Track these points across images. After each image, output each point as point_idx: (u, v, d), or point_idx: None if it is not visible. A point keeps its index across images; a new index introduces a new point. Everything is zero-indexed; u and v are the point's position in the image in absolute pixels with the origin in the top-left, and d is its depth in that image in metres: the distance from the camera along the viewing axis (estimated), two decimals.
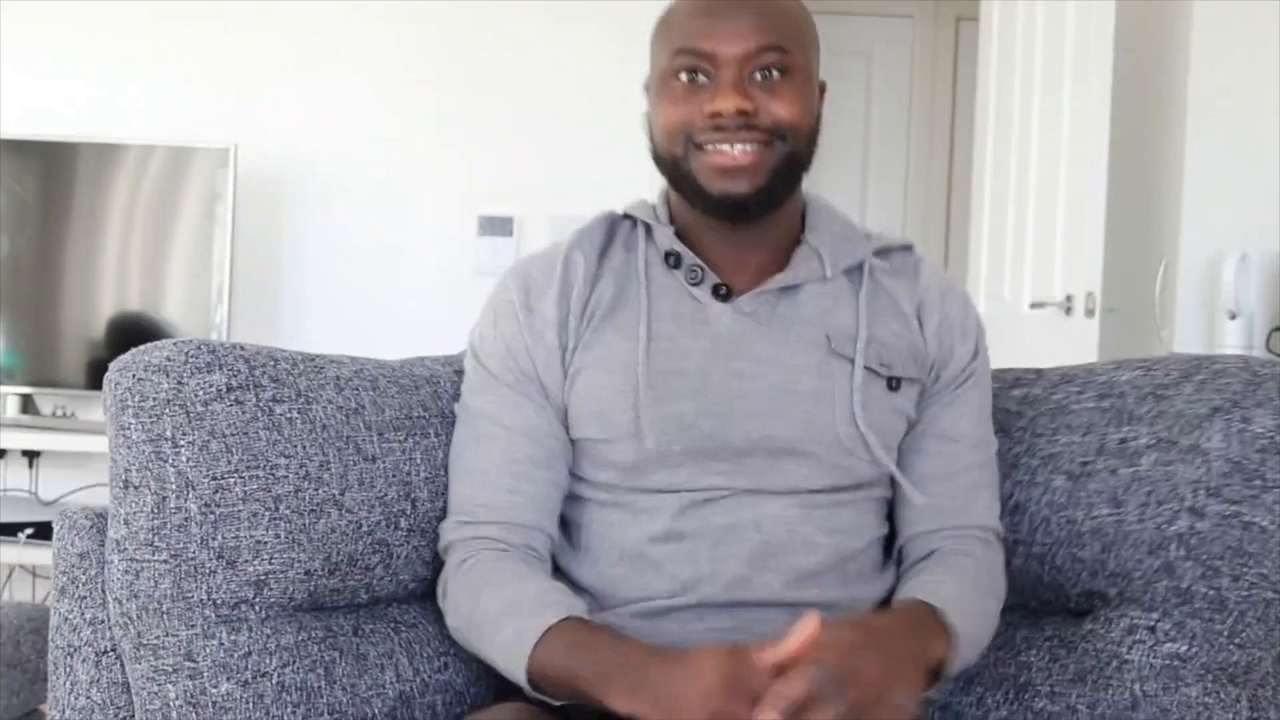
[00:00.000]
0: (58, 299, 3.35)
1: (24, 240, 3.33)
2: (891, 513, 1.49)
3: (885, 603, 1.43)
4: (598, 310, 1.42)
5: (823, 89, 1.47)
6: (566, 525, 1.46)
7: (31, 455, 3.45)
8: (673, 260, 1.44)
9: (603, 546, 1.42)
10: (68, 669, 1.39)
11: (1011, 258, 3.70)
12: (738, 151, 1.37)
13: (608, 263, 1.45)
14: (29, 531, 3.10)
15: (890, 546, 1.49)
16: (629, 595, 1.39)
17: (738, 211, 1.40)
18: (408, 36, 3.72)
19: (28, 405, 3.38)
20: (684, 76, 1.39)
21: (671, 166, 1.42)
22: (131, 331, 3.35)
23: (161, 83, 3.65)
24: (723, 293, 1.42)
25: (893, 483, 1.46)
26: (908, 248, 1.51)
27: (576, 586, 1.42)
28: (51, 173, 3.35)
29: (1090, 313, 3.19)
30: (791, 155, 1.40)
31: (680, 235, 1.45)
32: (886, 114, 5.55)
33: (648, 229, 1.46)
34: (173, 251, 3.37)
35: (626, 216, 1.49)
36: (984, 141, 3.95)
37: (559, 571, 1.45)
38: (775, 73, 1.38)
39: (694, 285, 1.42)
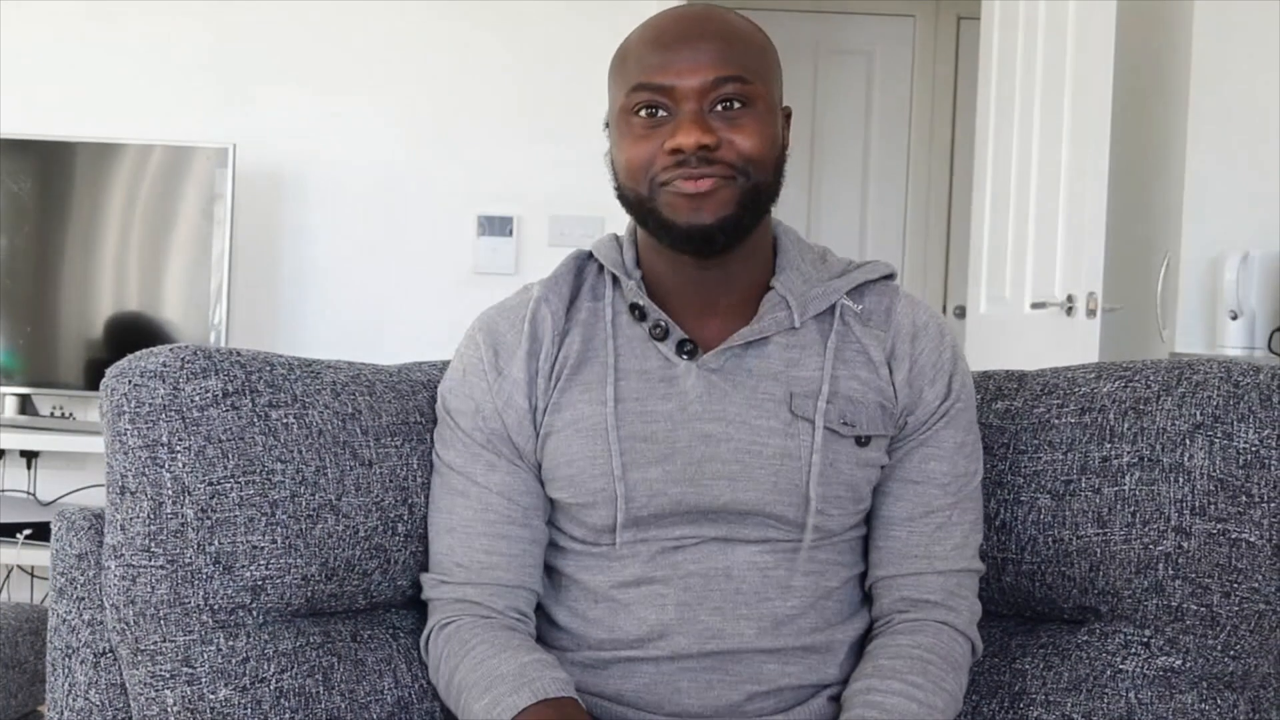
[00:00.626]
0: (56, 299, 3.35)
1: (22, 240, 3.33)
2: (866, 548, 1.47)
3: (861, 642, 1.43)
4: (565, 367, 1.41)
5: (788, 115, 1.43)
6: (546, 569, 1.46)
7: (30, 456, 3.45)
8: (638, 313, 1.42)
9: (577, 590, 1.42)
10: (66, 670, 1.39)
11: (1012, 258, 3.69)
12: (707, 184, 1.34)
13: (575, 315, 1.44)
14: (27, 532, 3.10)
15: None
16: (601, 637, 1.40)
17: (704, 244, 1.37)
18: (407, 36, 3.72)
19: (26, 406, 3.38)
20: (643, 113, 1.36)
21: (636, 204, 1.39)
22: (130, 331, 3.35)
23: (160, 82, 3.65)
24: (688, 349, 1.40)
25: (866, 521, 1.46)
26: (888, 277, 1.47)
27: (555, 625, 1.44)
28: (50, 172, 3.35)
29: (1092, 313, 3.18)
30: (756, 187, 1.36)
31: (648, 280, 1.44)
32: (887, 113, 5.54)
33: (615, 275, 1.45)
34: (171, 251, 3.36)
35: (594, 258, 1.48)
36: (984, 141, 3.95)
37: (540, 611, 1.45)
38: (736, 104, 1.34)
39: (659, 341, 1.41)
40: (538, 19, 3.72)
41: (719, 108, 1.34)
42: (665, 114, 1.35)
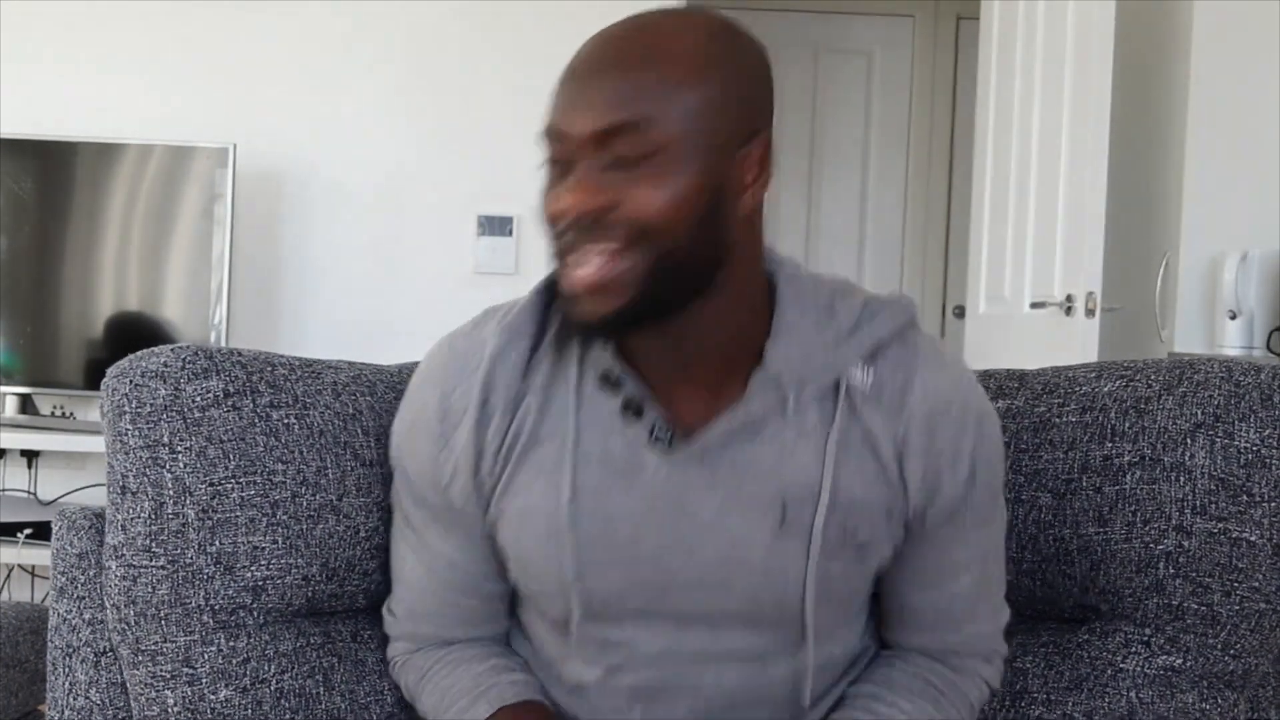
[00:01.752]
0: (56, 299, 3.35)
1: (23, 240, 3.33)
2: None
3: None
4: (518, 443, 1.21)
5: (766, 142, 1.14)
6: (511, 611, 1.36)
7: (30, 455, 3.45)
8: (610, 381, 1.19)
9: (537, 647, 1.33)
10: (66, 669, 1.39)
11: (1012, 258, 3.70)
12: (591, 266, 1.10)
13: (535, 373, 1.21)
14: (28, 532, 3.10)
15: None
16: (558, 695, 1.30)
17: (607, 335, 1.15)
18: (407, 36, 3.72)
19: (26, 405, 3.38)
20: (550, 163, 1.14)
21: None
22: (130, 331, 3.35)
23: (161, 82, 3.65)
24: (664, 434, 1.18)
25: (876, 583, 1.30)
26: (908, 325, 1.23)
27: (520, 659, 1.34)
28: (50, 172, 3.35)
29: (1091, 313, 3.18)
30: (667, 257, 1.09)
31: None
32: (887, 114, 5.55)
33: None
34: (171, 251, 3.37)
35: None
36: (984, 141, 3.95)
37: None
38: (635, 156, 1.08)
39: (632, 421, 1.18)
40: (538, 19, 3.72)
41: (618, 159, 1.09)
42: (564, 166, 1.12)
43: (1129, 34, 3.49)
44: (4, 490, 3.46)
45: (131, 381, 1.34)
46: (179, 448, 1.32)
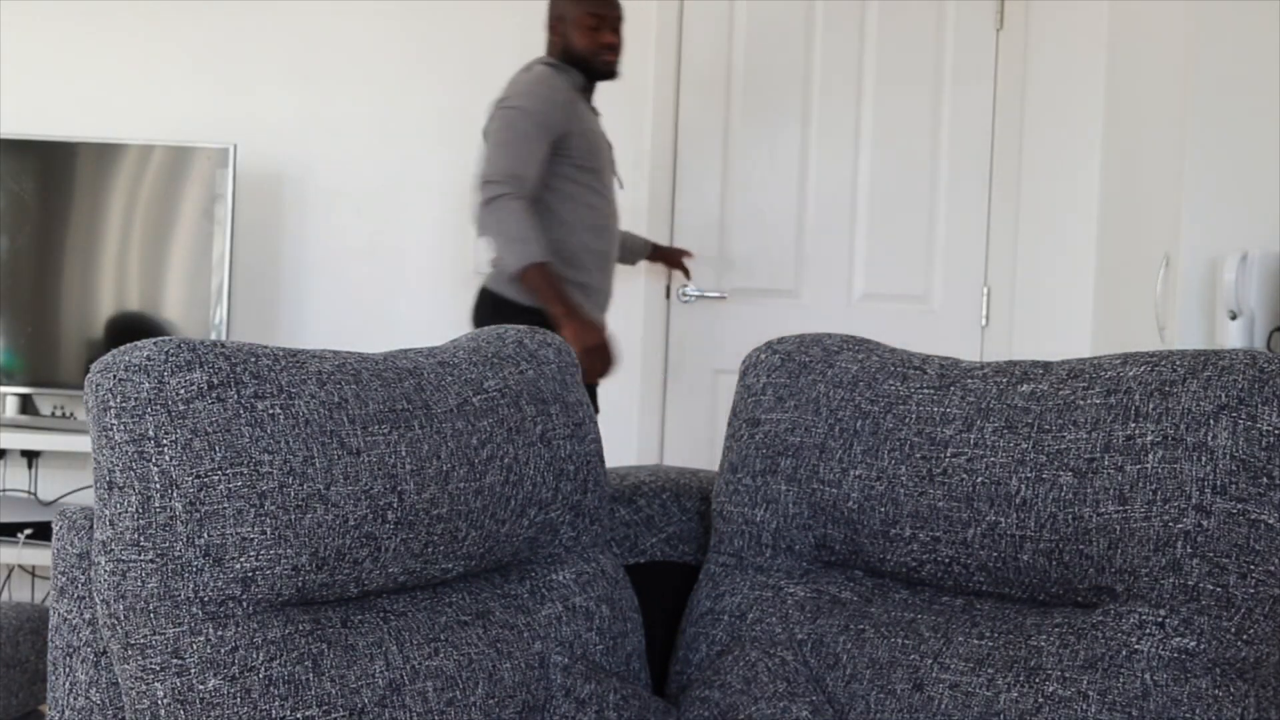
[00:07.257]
0: (57, 299, 3.36)
1: (23, 240, 3.34)
2: None
3: None
4: None
5: None
6: None
7: (31, 455, 3.46)
8: None
9: None
10: (67, 669, 1.40)
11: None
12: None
13: None
14: (28, 532, 3.11)
15: None
16: None
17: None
18: (408, 36, 3.72)
19: (27, 405, 3.39)
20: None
21: None
22: (131, 331, 3.36)
23: (161, 83, 3.66)
24: None
25: None
26: None
27: None
28: (51, 172, 3.36)
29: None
30: None
31: None
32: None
33: None
34: (172, 251, 3.38)
35: None
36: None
37: None
38: None
39: None
40: (538, 20, 3.73)
41: None
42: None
43: (1128, 33, 3.49)
44: (4, 490, 3.47)
45: (115, 376, 1.34)
46: (164, 441, 1.33)
